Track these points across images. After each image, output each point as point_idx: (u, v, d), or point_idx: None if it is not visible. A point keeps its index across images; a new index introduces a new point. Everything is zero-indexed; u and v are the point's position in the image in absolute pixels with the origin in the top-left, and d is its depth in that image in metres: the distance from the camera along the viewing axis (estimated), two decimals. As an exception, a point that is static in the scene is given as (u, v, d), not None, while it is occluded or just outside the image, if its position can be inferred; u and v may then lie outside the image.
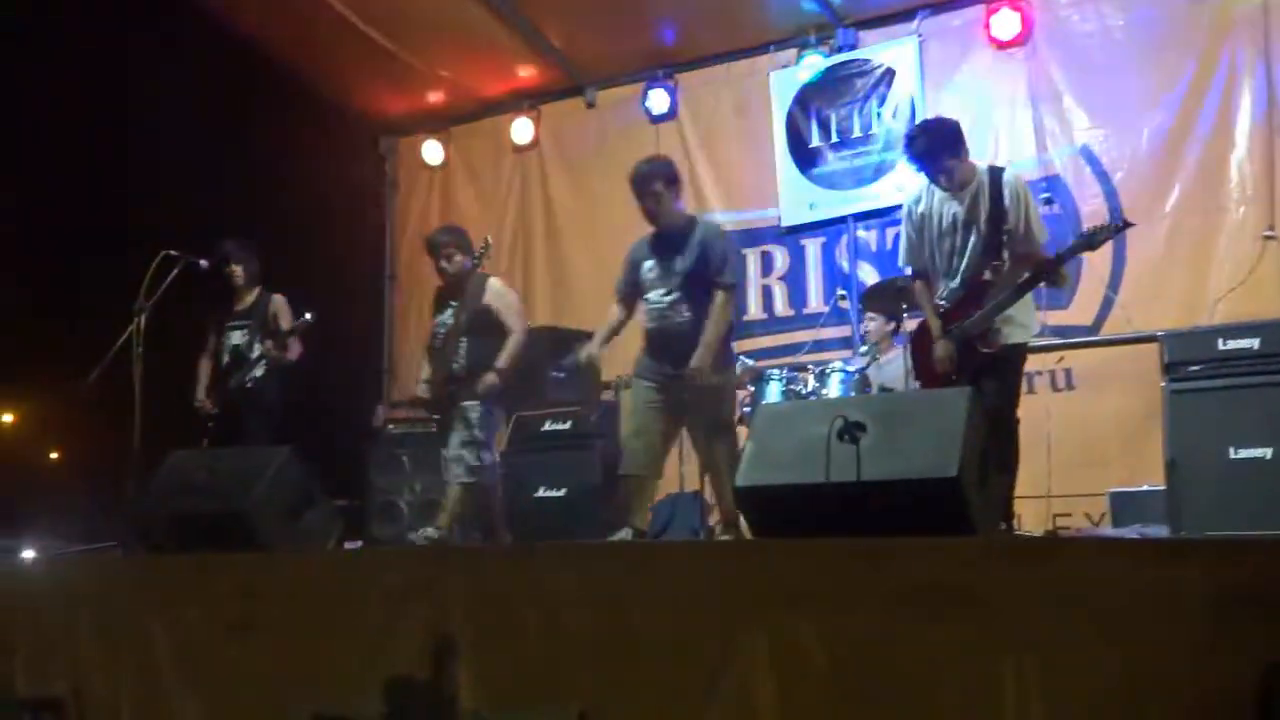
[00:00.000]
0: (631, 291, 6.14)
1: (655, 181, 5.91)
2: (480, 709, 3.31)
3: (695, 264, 5.85)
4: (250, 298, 7.28)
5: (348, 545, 6.24)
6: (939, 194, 5.47)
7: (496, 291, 6.46)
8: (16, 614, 4.49)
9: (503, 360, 6.33)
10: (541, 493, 7.52)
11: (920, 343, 5.64)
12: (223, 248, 7.11)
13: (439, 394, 6.45)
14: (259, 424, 6.85)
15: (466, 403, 6.30)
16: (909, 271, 5.74)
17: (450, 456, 6.32)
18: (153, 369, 6.23)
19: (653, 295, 5.97)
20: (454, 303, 6.47)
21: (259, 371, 7.01)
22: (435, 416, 6.52)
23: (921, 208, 5.55)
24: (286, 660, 3.78)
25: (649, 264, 5.99)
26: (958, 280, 5.40)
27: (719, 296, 5.82)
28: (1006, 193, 5.31)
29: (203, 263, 6.96)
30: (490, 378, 6.28)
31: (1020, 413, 5.38)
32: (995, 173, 5.42)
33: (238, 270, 7.21)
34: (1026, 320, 5.40)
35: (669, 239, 5.97)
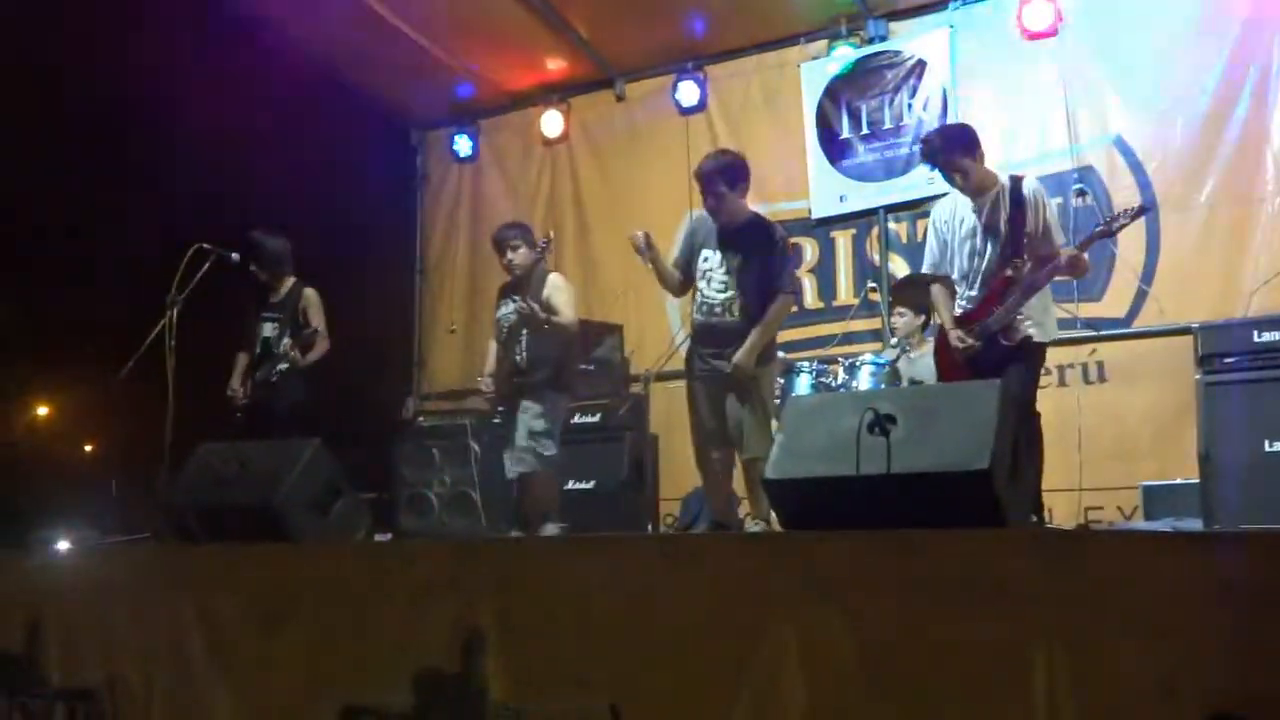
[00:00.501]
0: (685, 269, 6.07)
1: (718, 182, 5.82)
2: (509, 701, 3.31)
3: (757, 266, 5.79)
4: (284, 289, 7.24)
5: (377, 538, 6.26)
6: (961, 201, 5.64)
7: (555, 286, 6.50)
8: (50, 605, 4.53)
9: (553, 322, 6.35)
10: (570, 485, 7.54)
11: (944, 346, 5.77)
12: (246, 239, 7.07)
13: (503, 387, 6.50)
14: (281, 419, 6.84)
15: (531, 396, 6.34)
16: (928, 270, 5.87)
17: (521, 446, 6.33)
18: (185, 362, 6.26)
19: (706, 289, 5.90)
20: (516, 297, 6.50)
21: (283, 366, 7.00)
22: (500, 409, 6.55)
23: (946, 215, 5.73)
24: (316, 652, 3.80)
25: (709, 254, 5.91)
26: (978, 281, 5.56)
27: (778, 300, 5.79)
28: (1025, 198, 5.46)
29: (234, 256, 6.98)
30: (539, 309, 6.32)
31: (1048, 405, 5.46)
32: (1015, 180, 5.57)
33: (254, 270, 7.18)
34: (1044, 320, 5.52)
35: (733, 236, 5.87)
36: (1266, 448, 5.50)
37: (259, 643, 3.94)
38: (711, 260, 5.89)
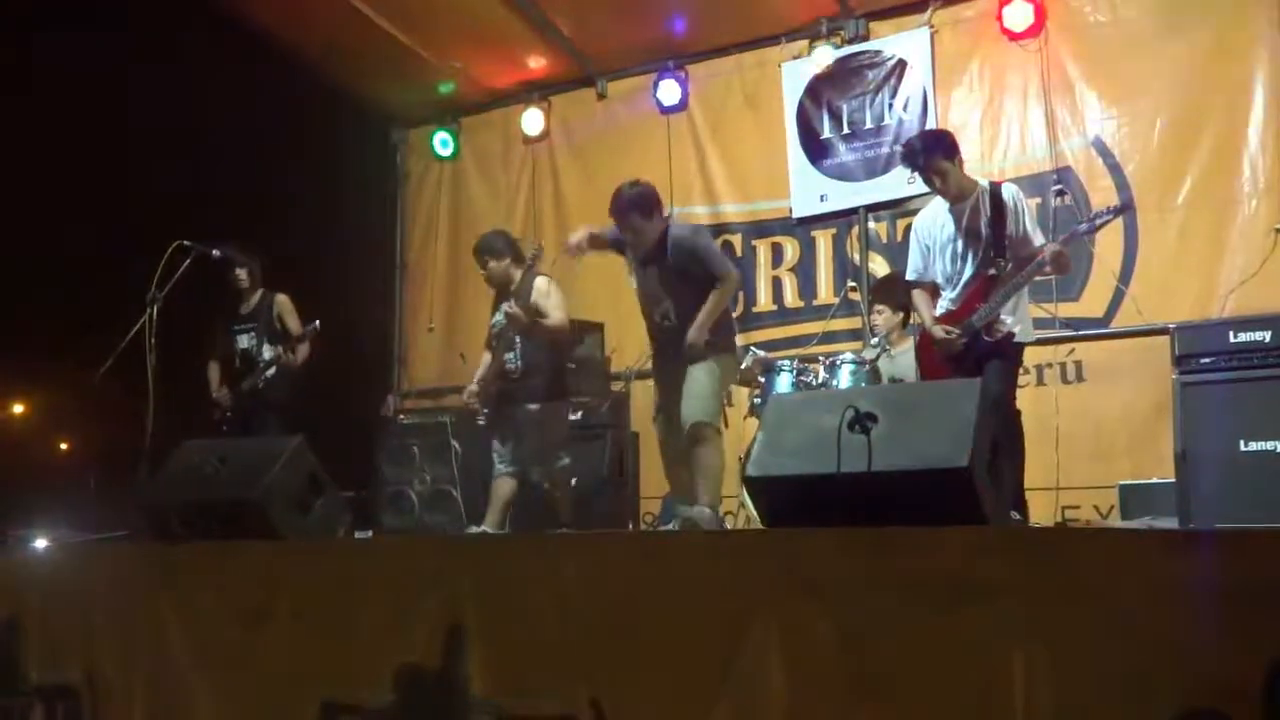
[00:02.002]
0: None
1: (632, 216, 6.03)
2: (490, 697, 3.32)
3: (675, 272, 6.00)
4: (254, 300, 7.31)
5: (358, 536, 6.26)
6: (942, 208, 5.78)
7: (541, 290, 6.53)
8: (29, 602, 4.51)
9: (541, 325, 6.42)
10: (552, 483, 7.54)
11: (925, 346, 5.89)
12: (227, 251, 7.09)
13: (489, 389, 6.53)
14: (272, 424, 6.89)
15: (534, 405, 6.41)
16: (912, 278, 6.00)
17: (532, 458, 6.42)
18: (165, 359, 6.25)
19: (645, 308, 6.18)
20: (505, 304, 6.53)
21: (271, 373, 7.06)
22: (484, 410, 6.57)
23: (927, 222, 5.88)
24: (297, 648, 3.79)
25: (633, 279, 6.23)
26: (960, 283, 5.69)
27: (717, 287, 5.93)
28: (1005, 202, 5.62)
29: (215, 253, 6.99)
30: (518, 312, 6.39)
31: (1027, 405, 5.56)
32: (994, 185, 5.74)
33: (242, 274, 7.23)
34: (1023, 319, 5.68)
35: (653, 258, 6.12)
36: (1242, 447, 5.54)
37: (239, 640, 3.93)
38: (640, 286, 6.17)
